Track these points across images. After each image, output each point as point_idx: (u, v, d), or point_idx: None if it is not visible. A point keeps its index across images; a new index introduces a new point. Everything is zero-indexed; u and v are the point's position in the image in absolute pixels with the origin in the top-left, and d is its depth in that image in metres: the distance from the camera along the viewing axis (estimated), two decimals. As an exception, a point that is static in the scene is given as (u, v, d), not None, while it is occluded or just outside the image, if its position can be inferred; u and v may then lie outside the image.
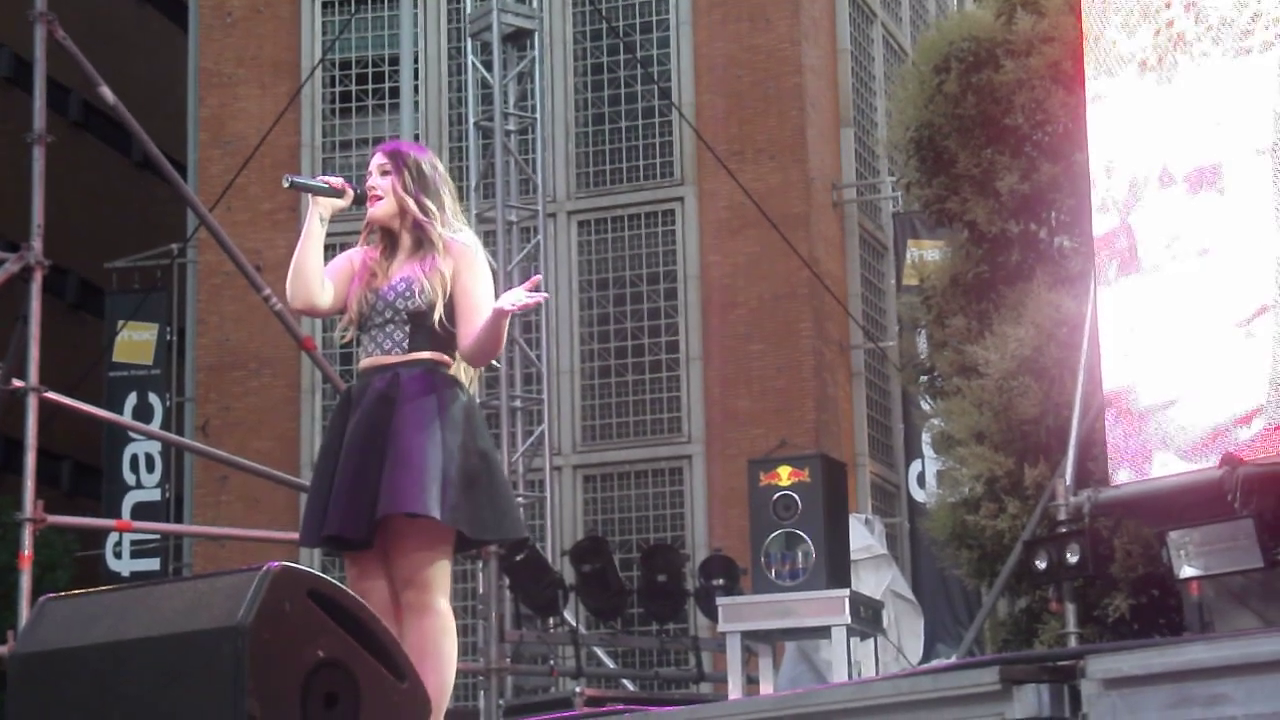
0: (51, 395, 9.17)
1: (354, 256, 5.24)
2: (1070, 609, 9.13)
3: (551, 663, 13.71)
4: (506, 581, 13.27)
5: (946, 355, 10.94)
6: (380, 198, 5.18)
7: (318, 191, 5.19)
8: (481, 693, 13.40)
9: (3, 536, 16.59)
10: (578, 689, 12.61)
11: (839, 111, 18.43)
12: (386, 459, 4.86)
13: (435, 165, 5.25)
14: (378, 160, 5.24)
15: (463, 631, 13.80)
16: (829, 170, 18.06)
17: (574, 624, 13.75)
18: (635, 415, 17.35)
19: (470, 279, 5.08)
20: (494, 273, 5.36)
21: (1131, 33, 8.91)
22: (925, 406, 13.65)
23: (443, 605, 4.93)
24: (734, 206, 16.96)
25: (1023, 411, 9.93)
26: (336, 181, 5.23)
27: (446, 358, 5.07)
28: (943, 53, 10.88)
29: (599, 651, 14.42)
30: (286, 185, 5.35)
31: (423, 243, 5.12)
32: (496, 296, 5.11)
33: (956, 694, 2.57)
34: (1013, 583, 9.90)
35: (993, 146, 10.60)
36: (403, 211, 5.16)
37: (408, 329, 5.04)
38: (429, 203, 5.15)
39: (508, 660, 13.26)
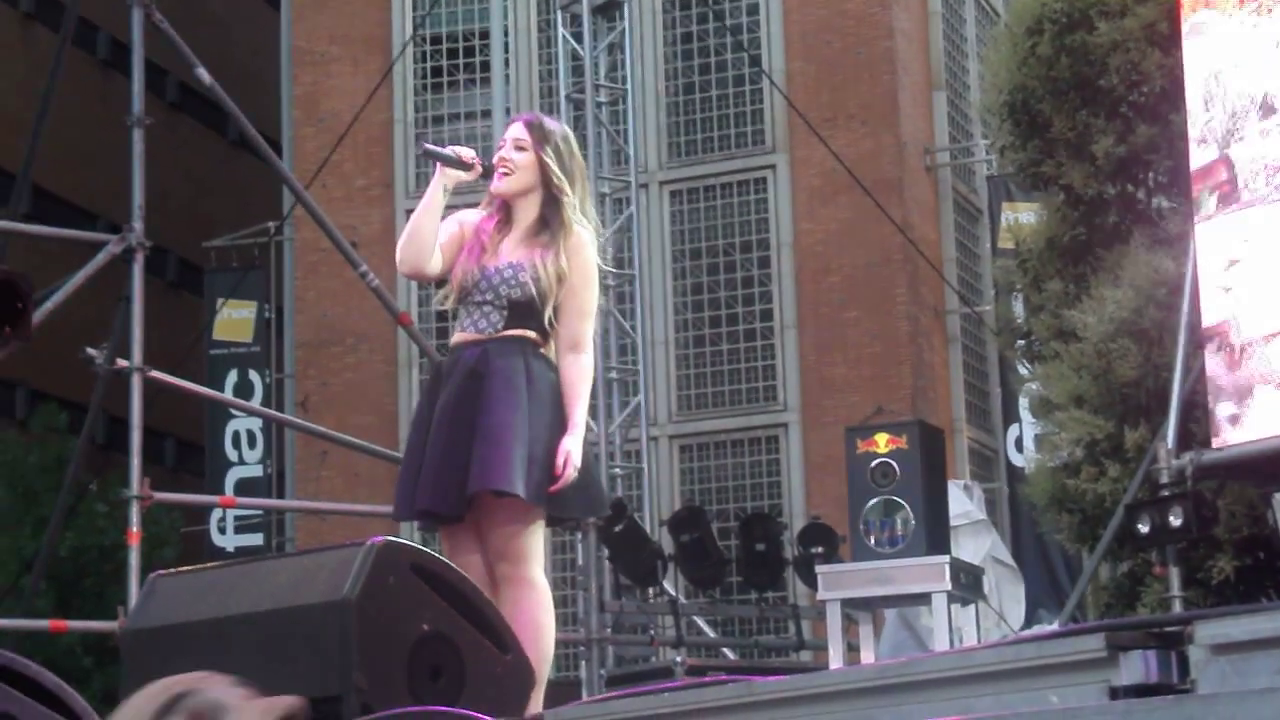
0: (156, 374, 9.29)
1: (466, 224, 5.16)
2: (1174, 572, 9.05)
3: (652, 632, 13.76)
4: (606, 552, 13.33)
5: (1043, 319, 10.86)
6: (509, 173, 5.09)
7: (447, 161, 5.12)
8: (583, 663, 13.47)
9: (111, 514, 16.84)
10: (678, 658, 12.66)
11: (930, 75, 18.29)
12: (475, 435, 4.88)
13: (571, 142, 5.17)
14: (515, 133, 5.13)
15: (563, 602, 13.89)
16: (921, 134, 17.94)
17: (673, 593, 13.79)
18: (731, 384, 17.35)
19: (580, 280, 5.04)
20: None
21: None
22: (1023, 371, 13.55)
23: (538, 577, 4.96)
24: (826, 173, 16.89)
25: (1122, 374, 9.84)
26: (467, 154, 5.12)
27: (537, 335, 5.05)
28: (1035, 14, 10.76)
29: (699, 620, 14.45)
30: (420, 154, 5.37)
31: (547, 226, 5.07)
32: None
33: (1061, 661, 2.56)
34: (1114, 547, 9.82)
35: (1087, 109, 10.48)
36: (540, 188, 5.09)
37: (505, 314, 5.03)
38: (566, 184, 5.09)
39: (608, 630, 13.32)
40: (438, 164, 5.09)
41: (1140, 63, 10.25)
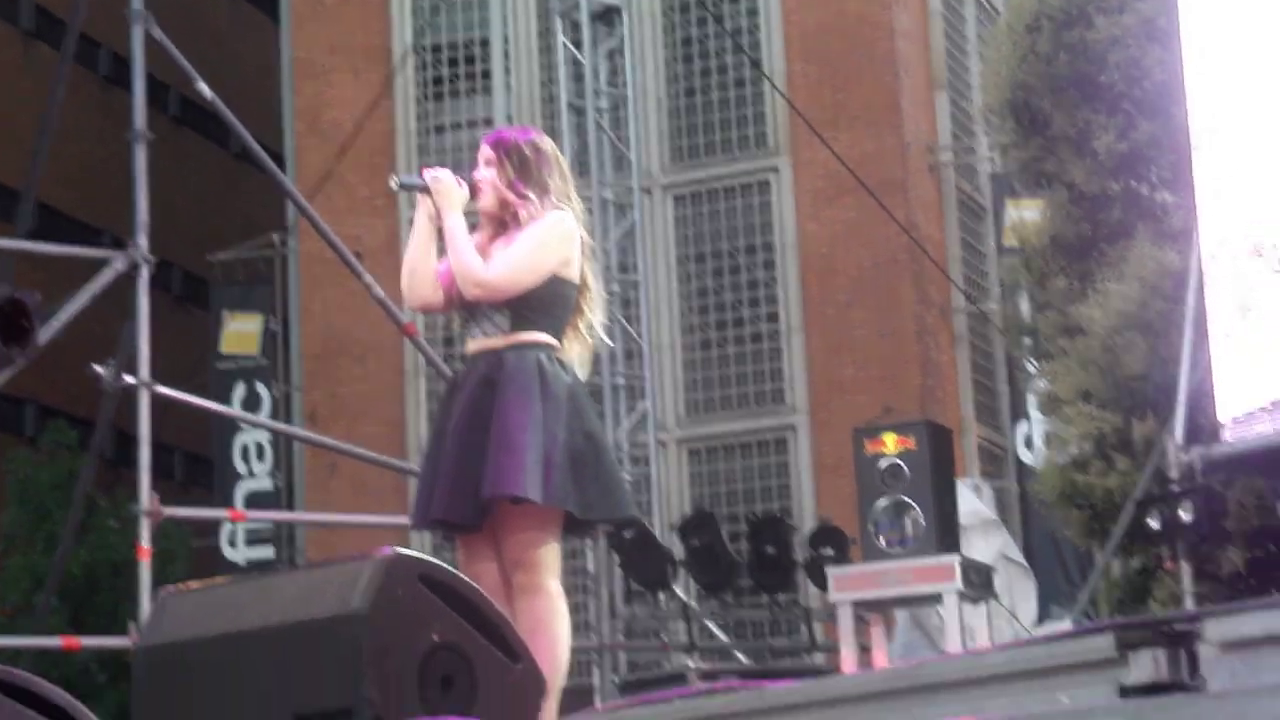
0: (163, 389, 9.29)
1: None
2: (1185, 568, 9.05)
3: (663, 637, 13.76)
4: (616, 558, 13.33)
5: (1049, 316, 10.87)
6: (482, 190, 5.20)
7: (423, 190, 5.20)
8: (595, 669, 13.48)
9: (122, 530, 16.85)
10: (691, 663, 12.65)
11: (932, 74, 18.29)
12: (489, 442, 4.89)
13: (539, 147, 5.22)
14: (483, 152, 5.25)
15: (574, 609, 13.81)
16: (924, 134, 17.94)
17: (684, 598, 13.79)
18: (738, 388, 17.35)
19: (521, 235, 5.08)
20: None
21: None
22: (1030, 368, 13.56)
23: (553, 585, 4.96)
24: (830, 174, 16.88)
25: (1129, 367, 9.85)
26: (446, 176, 5.19)
27: (551, 339, 5.09)
28: (1034, 11, 10.78)
29: (710, 625, 14.44)
30: (395, 188, 5.40)
31: (516, 226, 5.15)
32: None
33: (1071, 662, 2.56)
34: (1125, 542, 9.82)
35: (1088, 105, 10.49)
36: (503, 202, 5.18)
37: (507, 312, 5.07)
38: (527, 190, 5.15)
39: (620, 636, 13.33)
40: (418, 194, 5.17)
41: (1140, 58, 10.26)
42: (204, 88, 9.74)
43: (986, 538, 13.04)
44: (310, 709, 4.22)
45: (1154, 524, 9.00)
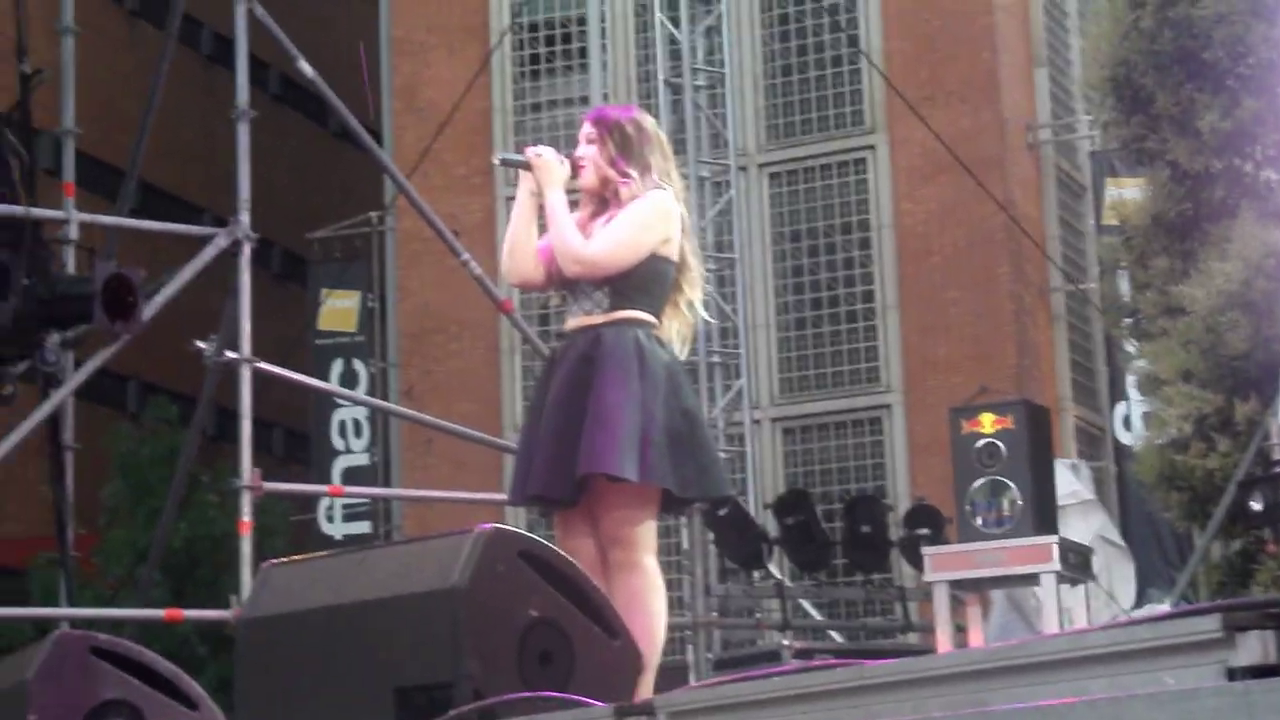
0: (263, 365, 9.39)
1: None
2: (1287, 551, 8.94)
3: (758, 616, 13.76)
4: (711, 536, 13.34)
5: (1150, 296, 10.76)
6: (585, 168, 5.19)
7: (525, 167, 5.21)
8: (689, 647, 13.50)
9: (222, 504, 17.04)
10: (785, 641, 12.65)
11: (1031, 51, 18.12)
12: (586, 419, 4.91)
13: (641, 125, 5.21)
14: (585, 129, 5.24)
15: (668, 587, 13.84)
16: (1023, 111, 17.78)
17: (779, 577, 13.78)
18: (833, 366, 17.30)
19: (622, 213, 5.08)
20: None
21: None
22: (1129, 349, 13.43)
23: (649, 562, 4.97)
24: (926, 152, 16.78)
25: (1232, 347, 9.73)
26: (549, 154, 5.20)
27: (650, 317, 5.09)
28: (1137, -13, 10.65)
29: (804, 603, 14.44)
30: (498, 164, 5.40)
31: (618, 203, 5.15)
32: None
33: (1176, 643, 2.54)
34: (1226, 524, 9.71)
35: (1192, 83, 10.36)
36: (605, 180, 5.19)
37: (606, 289, 5.07)
38: (629, 168, 5.15)
39: (714, 614, 13.34)
40: (520, 171, 5.18)
41: (1245, 35, 10.12)
42: (305, 66, 9.83)
43: (1085, 518, 12.94)
44: (410, 682, 4.26)
45: (1256, 506, 8.91)
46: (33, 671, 5.25)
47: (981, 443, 9.55)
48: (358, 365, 18.64)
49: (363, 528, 18.37)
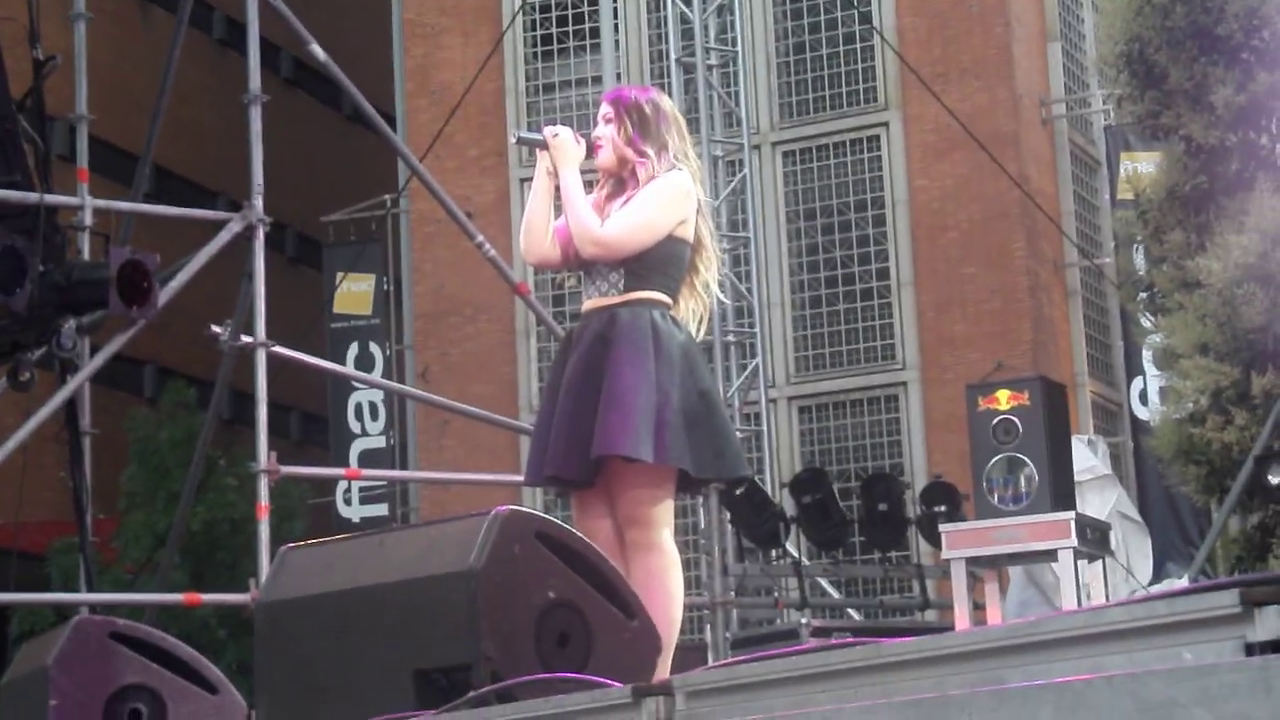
0: (279, 349, 9.41)
1: None
2: (1306, 524, 8.93)
3: (776, 594, 13.77)
4: (727, 515, 13.34)
5: (1165, 271, 10.73)
6: (601, 148, 5.19)
7: (542, 145, 5.21)
8: (708, 626, 13.52)
9: (240, 488, 17.08)
10: (803, 620, 12.66)
11: (1045, 26, 18.07)
12: (601, 399, 4.91)
13: (658, 105, 5.21)
14: (602, 109, 5.24)
15: (686, 566, 13.85)
16: (1037, 87, 17.74)
17: (796, 555, 13.79)
18: (848, 344, 17.29)
19: (639, 195, 5.08)
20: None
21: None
22: (1145, 323, 13.40)
23: (666, 542, 4.97)
24: (940, 129, 16.75)
25: (1248, 319, 9.71)
26: (565, 133, 5.20)
27: (665, 297, 5.08)
28: (1151, -38, 10.61)
29: (822, 582, 14.44)
30: (515, 142, 5.40)
31: (635, 184, 5.14)
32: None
33: (1194, 618, 2.53)
34: (1244, 499, 9.69)
35: (1205, 57, 10.32)
36: (622, 160, 5.18)
37: (621, 270, 5.07)
38: (646, 147, 5.14)
39: (732, 594, 13.35)
40: (537, 150, 5.17)
41: (1259, 7, 10.08)
42: (317, 50, 9.83)
43: (1102, 493, 12.93)
44: (428, 664, 4.27)
45: (1274, 479, 8.89)
46: (53, 657, 5.27)
47: (998, 419, 9.53)
48: (373, 348, 18.65)
49: (380, 510, 18.41)
